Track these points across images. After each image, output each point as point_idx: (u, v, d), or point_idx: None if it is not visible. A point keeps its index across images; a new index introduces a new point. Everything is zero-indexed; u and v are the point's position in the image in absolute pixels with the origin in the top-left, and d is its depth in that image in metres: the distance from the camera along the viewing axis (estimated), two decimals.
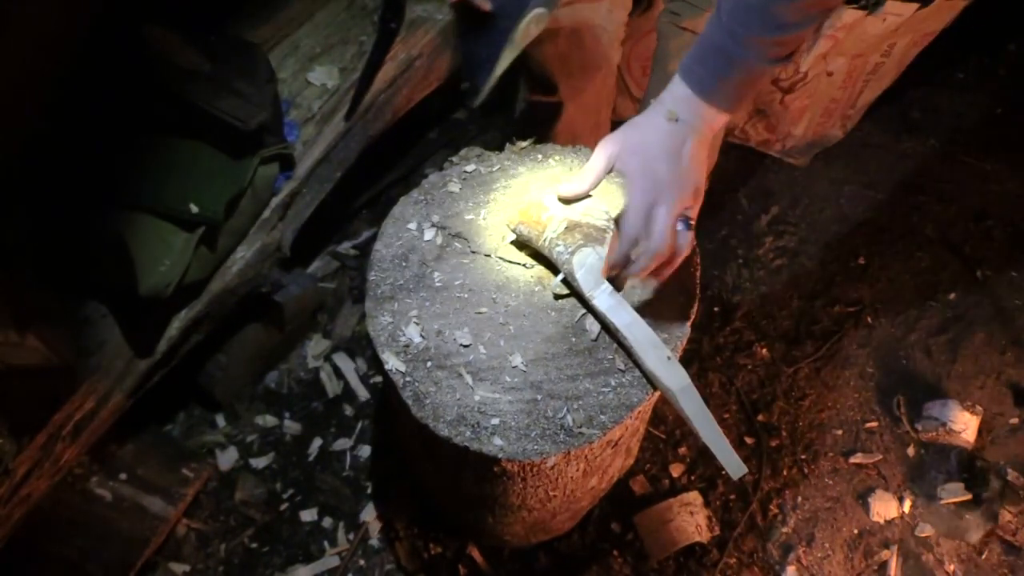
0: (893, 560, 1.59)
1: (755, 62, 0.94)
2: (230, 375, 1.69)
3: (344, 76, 1.54)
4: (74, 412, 1.28)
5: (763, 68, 0.95)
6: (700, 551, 1.60)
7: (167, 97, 1.25)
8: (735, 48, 0.93)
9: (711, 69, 0.96)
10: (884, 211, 2.13)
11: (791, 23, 0.90)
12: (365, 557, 1.62)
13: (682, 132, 0.97)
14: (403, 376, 0.99)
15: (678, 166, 0.96)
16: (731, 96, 0.97)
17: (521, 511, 1.23)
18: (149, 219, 1.24)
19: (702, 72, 0.96)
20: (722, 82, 0.96)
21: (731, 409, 1.81)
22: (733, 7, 0.92)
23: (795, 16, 0.90)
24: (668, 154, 0.96)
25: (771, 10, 0.89)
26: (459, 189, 1.18)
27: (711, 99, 0.97)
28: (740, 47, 0.93)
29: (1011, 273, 2.01)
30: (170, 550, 1.60)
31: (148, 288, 1.21)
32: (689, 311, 1.07)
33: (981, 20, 1.95)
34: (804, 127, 2.14)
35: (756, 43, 0.92)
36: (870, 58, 1.94)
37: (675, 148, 0.97)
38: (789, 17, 0.90)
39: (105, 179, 1.24)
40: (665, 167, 0.96)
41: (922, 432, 1.75)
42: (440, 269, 1.09)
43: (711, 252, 2.05)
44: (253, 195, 1.38)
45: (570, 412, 0.97)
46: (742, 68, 0.94)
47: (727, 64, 0.94)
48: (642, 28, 1.91)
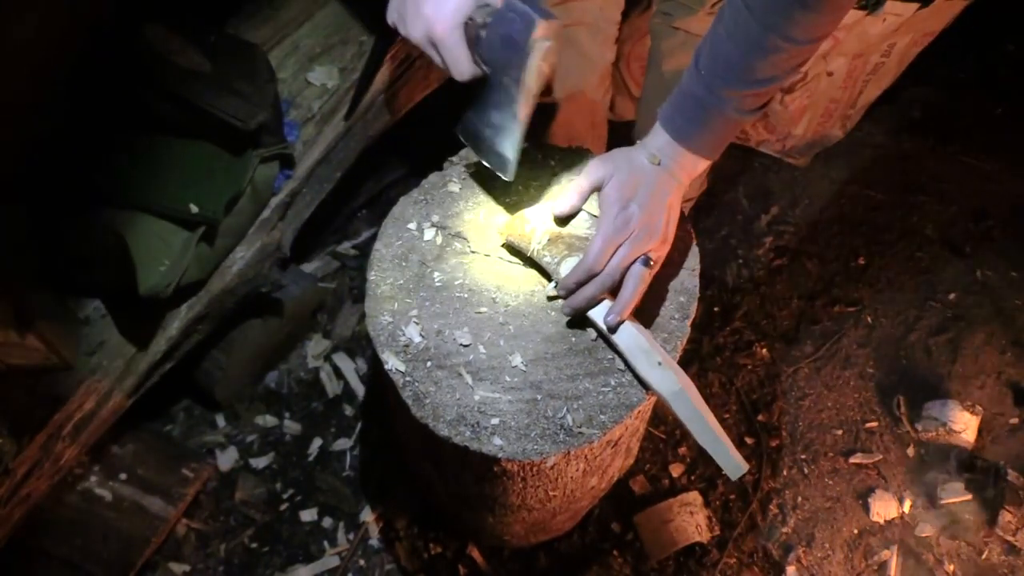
0: (893, 560, 1.59)
1: (732, 113, 0.96)
2: (230, 375, 1.69)
3: (344, 76, 1.54)
4: (74, 412, 1.28)
5: (740, 118, 0.97)
6: (700, 551, 1.60)
7: (167, 97, 1.25)
8: (712, 99, 0.95)
9: (689, 118, 0.98)
10: (884, 211, 2.13)
11: (766, 77, 0.92)
12: (365, 557, 1.62)
13: (662, 177, 1.00)
14: (403, 376, 0.99)
15: (652, 211, 0.98)
16: (709, 144, 1.00)
17: (521, 511, 1.23)
18: (149, 219, 1.24)
19: (680, 121, 0.99)
20: (699, 131, 0.98)
21: (731, 409, 1.81)
22: (710, 60, 0.93)
23: (770, 71, 0.91)
24: (647, 197, 0.98)
25: (747, 65, 0.91)
26: (459, 189, 1.18)
27: (690, 146, 0.99)
28: (717, 99, 0.94)
29: (1011, 273, 2.01)
30: (170, 550, 1.60)
31: (148, 288, 1.21)
32: (689, 311, 1.07)
33: (981, 20, 1.95)
34: (804, 127, 2.14)
35: (732, 96, 0.94)
36: (870, 58, 1.94)
37: (654, 192, 0.99)
38: (765, 72, 0.91)
39: (105, 179, 1.24)
40: (639, 210, 0.97)
41: (922, 432, 1.75)
42: (440, 269, 1.09)
43: (711, 252, 2.05)
44: (253, 195, 1.38)
45: (570, 412, 0.97)
46: (719, 118, 0.97)
47: (704, 114, 0.97)
48: (641, 28, 1.91)
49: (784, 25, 0.86)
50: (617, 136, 1.91)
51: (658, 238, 0.99)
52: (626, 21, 1.63)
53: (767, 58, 0.90)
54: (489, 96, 1.02)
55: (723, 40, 0.91)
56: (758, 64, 0.90)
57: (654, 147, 1.01)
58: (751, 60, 0.90)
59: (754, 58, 0.90)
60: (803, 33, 0.88)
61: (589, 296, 0.98)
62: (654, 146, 1.01)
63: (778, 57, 0.90)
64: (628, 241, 0.97)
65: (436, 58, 1.00)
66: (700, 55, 0.95)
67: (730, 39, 0.90)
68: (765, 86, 0.93)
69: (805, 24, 0.87)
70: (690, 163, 1.01)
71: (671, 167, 1.01)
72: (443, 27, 0.95)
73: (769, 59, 0.90)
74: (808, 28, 0.87)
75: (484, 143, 1.06)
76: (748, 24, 0.88)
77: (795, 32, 0.87)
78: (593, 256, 0.96)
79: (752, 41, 0.89)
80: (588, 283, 0.98)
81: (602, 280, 0.97)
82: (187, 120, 1.27)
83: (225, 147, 1.32)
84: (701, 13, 1.37)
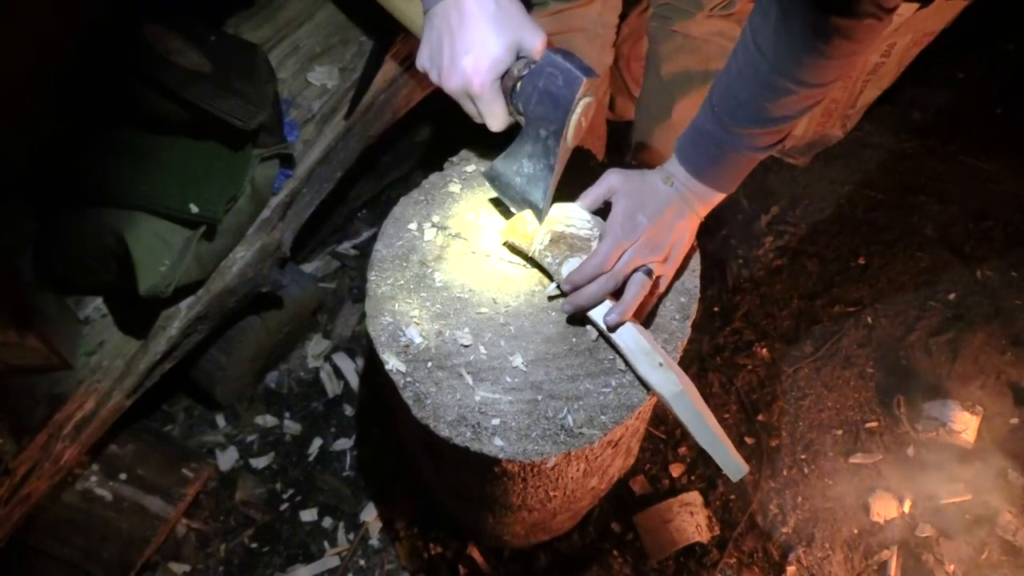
0: (893, 560, 1.59)
1: (745, 151, 0.96)
2: (230, 375, 1.69)
3: (344, 76, 1.54)
4: (74, 412, 1.28)
5: (754, 155, 0.97)
6: (700, 551, 1.60)
7: (167, 97, 1.24)
8: (726, 137, 0.95)
9: (703, 153, 0.99)
10: (884, 211, 2.13)
11: (780, 116, 0.92)
12: (365, 557, 1.62)
13: (674, 199, 1.01)
14: (403, 376, 0.99)
15: (659, 226, 0.99)
16: (724, 179, 1.01)
17: (521, 511, 1.23)
18: (149, 219, 1.24)
19: (695, 155, 0.99)
20: (715, 166, 0.99)
21: (731, 409, 1.81)
22: (723, 98, 0.93)
23: (781, 111, 0.91)
24: (656, 212, 0.99)
25: (759, 105, 0.91)
26: (459, 189, 1.18)
27: (704, 180, 1.00)
28: (730, 136, 0.95)
29: (1011, 273, 2.01)
30: (170, 550, 1.60)
31: (148, 288, 1.21)
32: (689, 311, 1.07)
33: (981, 20, 1.95)
34: (804, 127, 2.14)
35: (746, 134, 0.94)
36: (870, 58, 1.94)
37: (662, 210, 1.00)
38: (776, 112, 0.91)
39: (105, 179, 1.23)
40: (647, 221, 0.98)
41: (922, 432, 1.75)
42: (440, 269, 1.09)
43: (711, 252, 2.05)
44: (253, 195, 1.38)
45: (571, 412, 0.97)
46: (733, 155, 0.97)
47: (718, 150, 0.97)
48: (640, 28, 1.91)
49: (794, 69, 0.86)
50: (617, 136, 1.92)
51: (661, 254, 1.00)
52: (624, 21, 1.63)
53: (778, 100, 0.89)
54: (522, 146, 1.02)
55: (735, 79, 0.91)
56: (769, 105, 0.90)
57: (668, 173, 1.03)
58: (762, 100, 0.90)
59: (765, 99, 0.89)
60: (814, 77, 0.86)
61: (593, 294, 0.98)
62: (668, 172, 1.03)
63: (789, 99, 0.89)
64: (633, 248, 0.98)
65: (471, 109, 1.01)
66: (714, 92, 0.95)
67: (741, 78, 0.90)
68: (778, 124, 0.93)
69: (816, 69, 0.85)
70: (707, 195, 1.02)
71: (686, 195, 1.02)
72: (481, 80, 0.95)
73: (780, 101, 0.89)
74: (819, 73, 0.86)
75: (514, 190, 1.06)
76: (759, 65, 0.87)
77: (806, 76, 0.86)
78: (603, 255, 0.97)
79: (762, 82, 0.88)
80: (593, 282, 0.98)
81: (607, 280, 0.97)
82: (187, 120, 1.27)
83: (225, 147, 1.32)
84: (699, 16, 1.37)
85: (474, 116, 1.02)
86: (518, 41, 0.96)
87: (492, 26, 0.94)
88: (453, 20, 0.95)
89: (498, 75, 0.96)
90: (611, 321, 0.97)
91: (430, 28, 0.99)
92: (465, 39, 0.94)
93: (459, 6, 0.95)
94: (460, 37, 0.95)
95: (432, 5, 0.98)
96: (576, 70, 0.93)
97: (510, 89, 0.98)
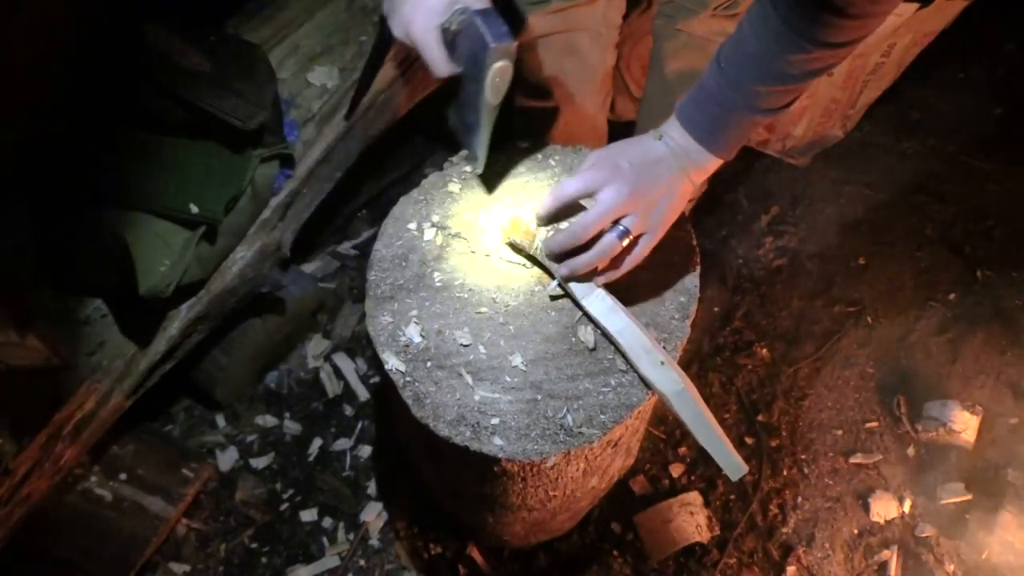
0: (893, 560, 1.59)
1: (751, 112, 0.94)
2: (230, 375, 1.69)
3: (344, 76, 1.54)
4: (74, 412, 1.28)
5: (758, 118, 0.95)
6: (700, 551, 1.60)
7: (167, 97, 1.25)
8: (732, 96, 0.93)
9: (707, 115, 0.96)
10: (884, 211, 2.13)
11: (790, 75, 0.90)
12: (365, 557, 1.63)
13: (662, 151, 0.98)
14: (403, 376, 0.99)
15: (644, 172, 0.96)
16: (724, 143, 0.98)
17: (521, 511, 1.23)
18: (149, 219, 1.24)
19: (697, 115, 0.97)
20: (717, 129, 0.97)
21: (731, 409, 1.81)
22: (733, 56, 0.91)
23: (795, 69, 0.89)
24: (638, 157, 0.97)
25: (771, 61, 0.89)
26: (459, 189, 1.18)
27: (705, 143, 0.98)
28: (736, 94, 0.92)
29: (1011, 273, 2.01)
30: (170, 550, 1.60)
31: (148, 288, 1.21)
32: (689, 311, 1.07)
33: (981, 20, 1.95)
34: (804, 127, 2.13)
35: (754, 91, 0.92)
36: (870, 58, 1.94)
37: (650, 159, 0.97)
38: (789, 69, 0.89)
39: (105, 179, 1.24)
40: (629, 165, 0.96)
41: (922, 432, 1.75)
42: (440, 269, 1.09)
43: (711, 252, 2.05)
44: (253, 195, 1.38)
45: (570, 412, 0.97)
46: (736, 116, 0.95)
47: (722, 110, 0.95)
48: (642, 29, 1.91)
49: (810, 28, 0.84)
50: (617, 136, 1.92)
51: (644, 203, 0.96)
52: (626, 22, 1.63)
53: (791, 57, 0.87)
54: (462, 96, 1.06)
55: (748, 37, 0.89)
56: (781, 61, 0.88)
57: (663, 131, 1.00)
58: (774, 55, 0.88)
59: (777, 54, 0.88)
60: (830, 36, 0.84)
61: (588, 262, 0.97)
62: (663, 130, 1.00)
63: (801, 57, 0.87)
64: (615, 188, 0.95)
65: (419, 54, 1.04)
66: (723, 52, 0.93)
67: (755, 36, 0.88)
68: (787, 83, 0.91)
69: (832, 29, 0.83)
70: (704, 159, 0.99)
71: (678, 153, 0.98)
72: (418, 27, 0.99)
73: (792, 58, 0.87)
74: (836, 33, 0.84)
75: (461, 136, 1.12)
76: (774, 22, 0.86)
77: (822, 35, 0.84)
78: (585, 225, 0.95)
79: (778, 40, 0.86)
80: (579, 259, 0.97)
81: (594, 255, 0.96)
82: (187, 120, 1.27)
83: (225, 147, 1.32)
84: (704, 15, 1.37)
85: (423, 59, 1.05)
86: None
87: None
88: None
89: (433, 24, 0.99)
90: (563, 274, 0.97)
91: None
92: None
93: None
94: None
95: None
96: (488, 35, 0.95)
97: (451, 41, 1.01)
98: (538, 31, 1.36)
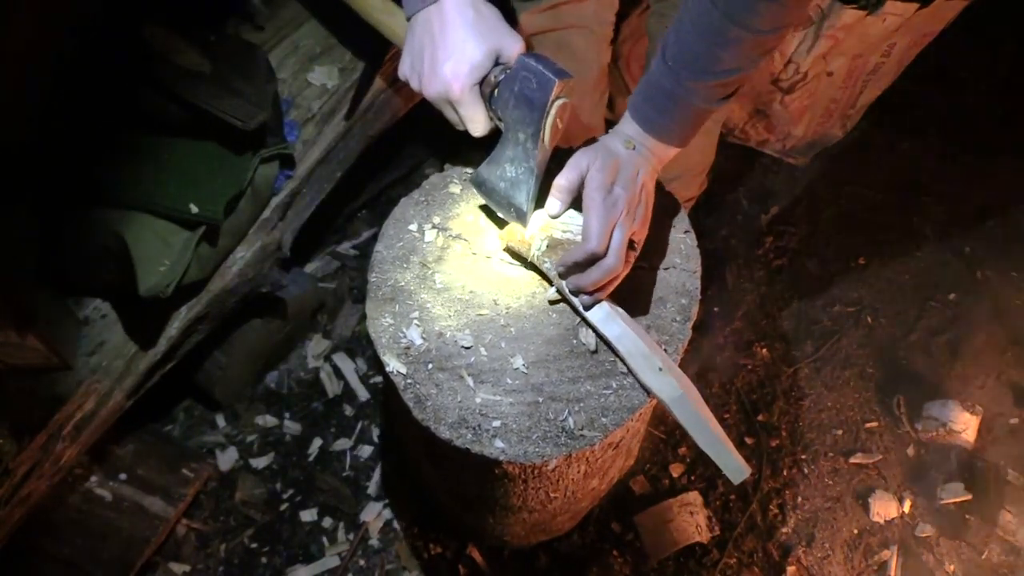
0: (893, 560, 1.60)
1: (699, 103, 0.96)
2: (230, 375, 1.69)
3: (344, 76, 1.53)
4: (74, 412, 1.27)
5: (707, 108, 0.98)
6: (700, 551, 1.60)
7: (167, 97, 1.24)
8: (679, 90, 0.95)
9: (657, 108, 0.99)
10: (884, 211, 2.13)
11: (732, 68, 0.93)
12: (365, 557, 1.63)
13: (637, 162, 1.00)
14: (404, 378, 0.99)
15: (633, 192, 0.98)
16: (677, 133, 1.01)
17: (522, 512, 1.23)
18: (149, 219, 1.23)
19: (648, 110, 0.99)
20: (668, 121, 0.99)
21: (731, 409, 1.81)
22: (676, 51, 0.94)
23: (734, 62, 0.92)
24: (627, 180, 0.98)
25: (712, 56, 0.91)
26: (460, 190, 1.18)
27: (658, 135, 1.00)
28: (684, 89, 0.95)
29: (1011, 273, 2.01)
30: (170, 550, 1.60)
31: (148, 288, 1.21)
32: (690, 313, 1.07)
33: (981, 20, 1.95)
34: (804, 127, 2.13)
35: (699, 87, 0.94)
36: (870, 58, 1.94)
37: (632, 176, 0.99)
38: (729, 63, 0.92)
39: (105, 179, 1.23)
40: (623, 192, 0.97)
41: (922, 432, 1.76)
42: (441, 270, 1.09)
43: (711, 252, 2.05)
44: (253, 195, 1.38)
45: (571, 414, 0.97)
46: (686, 108, 0.97)
47: (672, 104, 0.97)
48: (641, 28, 1.91)
49: (746, 16, 0.87)
50: None
51: (640, 219, 0.99)
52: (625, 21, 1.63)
53: (730, 49, 0.90)
54: (503, 151, 1.03)
55: (688, 31, 0.92)
56: (722, 55, 0.91)
57: (626, 134, 1.02)
58: (715, 51, 0.91)
59: (719, 49, 0.90)
60: (766, 23, 0.88)
61: (593, 280, 0.96)
62: (626, 133, 1.02)
63: (741, 48, 0.90)
64: (620, 222, 0.96)
65: (452, 116, 1.02)
66: (667, 46, 0.95)
67: (694, 29, 0.91)
68: (730, 76, 0.94)
69: (767, 15, 0.87)
70: (660, 150, 1.02)
71: (647, 155, 1.02)
72: (461, 87, 0.97)
73: (732, 49, 0.90)
74: (771, 18, 0.87)
75: (499, 195, 1.06)
76: (711, 15, 0.88)
77: (758, 23, 0.87)
78: (595, 237, 0.94)
79: (715, 31, 0.89)
80: (593, 267, 0.96)
81: (610, 265, 0.95)
82: (187, 120, 1.27)
83: (225, 147, 1.32)
84: None
85: (456, 123, 1.04)
86: (497, 47, 0.98)
87: (472, 32, 0.96)
88: (435, 27, 0.97)
89: (477, 80, 0.98)
90: (586, 302, 0.97)
91: (411, 36, 1.01)
92: (446, 45, 0.97)
93: (441, 14, 0.97)
94: (441, 44, 0.97)
95: (413, 13, 1.00)
96: (548, 72, 0.94)
97: (489, 95, 0.99)
98: (529, 29, 1.36)
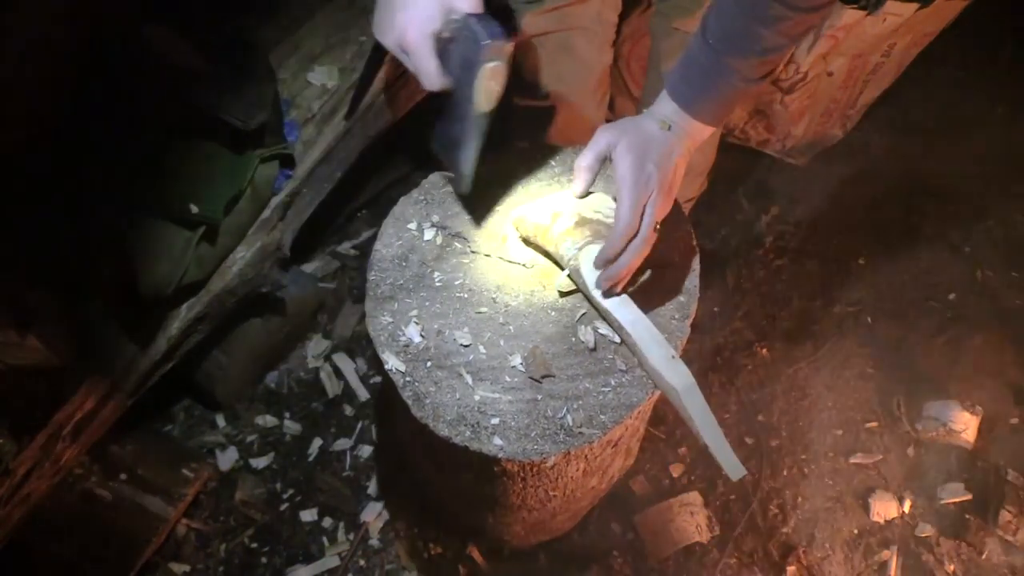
0: (893, 560, 1.60)
1: (738, 83, 0.97)
2: (230, 375, 1.69)
3: (344, 76, 1.54)
4: (74, 412, 1.28)
5: (745, 87, 0.98)
6: (700, 551, 1.60)
7: (167, 97, 1.25)
8: (718, 68, 0.96)
9: (695, 87, 0.99)
10: (884, 211, 2.13)
11: (772, 46, 0.93)
12: (365, 557, 1.62)
13: (672, 141, 1.01)
14: (403, 376, 0.99)
15: (666, 170, 0.98)
16: (714, 112, 1.01)
17: (521, 511, 1.23)
18: (149, 219, 1.24)
19: (686, 90, 1.00)
20: (706, 99, 1.00)
21: (731, 409, 1.81)
22: (717, 29, 0.94)
23: (775, 40, 0.93)
24: (660, 158, 0.98)
25: (752, 33, 0.92)
26: None
27: (696, 114, 1.00)
28: (723, 68, 0.95)
29: (1011, 273, 2.01)
30: (170, 550, 1.60)
31: (148, 288, 1.21)
32: (689, 311, 1.07)
33: (981, 20, 1.95)
34: (804, 127, 2.14)
35: (738, 64, 0.95)
36: (870, 58, 1.95)
37: (666, 154, 0.99)
38: (770, 41, 0.93)
39: (105, 179, 1.24)
40: (656, 170, 0.97)
41: (922, 432, 1.75)
42: (440, 269, 1.09)
43: (711, 252, 2.05)
44: (253, 195, 1.38)
45: (570, 412, 0.97)
46: (725, 87, 0.98)
47: (710, 83, 0.98)
48: (641, 28, 1.91)
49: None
50: None
51: (671, 198, 1.00)
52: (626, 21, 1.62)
53: (771, 26, 0.90)
54: (451, 110, 1.03)
55: (729, 8, 0.92)
56: (763, 32, 0.91)
57: (662, 114, 1.02)
58: (756, 28, 0.91)
59: (760, 26, 0.91)
60: (805, 1, 0.88)
61: (630, 263, 0.96)
62: (661, 113, 1.02)
63: (783, 25, 0.90)
64: (651, 201, 0.96)
65: (409, 66, 1.02)
66: (707, 24, 0.95)
67: (736, 6, 0.91)
68: (771, 55, 0.94)
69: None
70: (696, 130, 1.02)
71: (681, 135, 1.01)
72: (412, 36, 0.97)
73: (773, 27, 0.91)
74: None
75: (446, 154, 1.06)
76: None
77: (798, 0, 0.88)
78: (627, 218, 0.94)
79: (756, 9, 0.90)
80: (625, 251, 0.96)
81: (640, 244, 0.95)
82: (187, 120, 1.27)
83: (225, 147, 1.32)
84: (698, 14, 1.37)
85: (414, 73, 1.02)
86: (448, 2, 0.97)
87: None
88: None
89: (428, 32, 0.97)
90: (605, 286, 0.97)
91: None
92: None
93: None
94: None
95: None
96: (483, 33, 0.92)
97: (443, 52, 0.98)
98: (532, 31, 1.36)
